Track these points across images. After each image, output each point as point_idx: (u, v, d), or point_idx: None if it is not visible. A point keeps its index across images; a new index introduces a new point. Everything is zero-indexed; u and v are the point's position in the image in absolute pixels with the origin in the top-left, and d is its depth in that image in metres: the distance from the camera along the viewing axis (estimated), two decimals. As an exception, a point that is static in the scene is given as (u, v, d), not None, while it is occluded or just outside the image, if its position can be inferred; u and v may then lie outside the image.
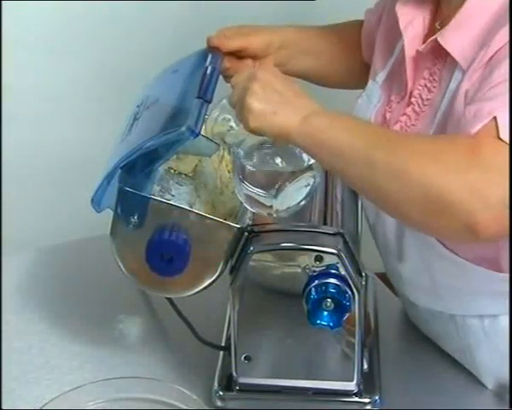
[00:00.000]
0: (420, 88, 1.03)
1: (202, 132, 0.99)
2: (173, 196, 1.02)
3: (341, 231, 0.98)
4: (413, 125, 1.03)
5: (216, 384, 1.06)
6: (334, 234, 0.98)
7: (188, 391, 1.02)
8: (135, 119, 1.04)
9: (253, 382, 1.04)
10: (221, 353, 1.10)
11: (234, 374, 1.04)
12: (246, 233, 0.98)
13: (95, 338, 1.18)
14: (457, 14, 0.97)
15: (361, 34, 1.26)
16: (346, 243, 0.97)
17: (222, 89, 1.05)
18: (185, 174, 1.09)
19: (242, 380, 1.04)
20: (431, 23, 1.05)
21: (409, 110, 1.04)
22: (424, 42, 1.03)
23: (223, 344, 1.11)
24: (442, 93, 0.99)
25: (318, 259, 0.95)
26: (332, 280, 0.94)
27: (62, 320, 1.22)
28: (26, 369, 1.13)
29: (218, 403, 1.05)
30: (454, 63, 0.97)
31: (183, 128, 0.92)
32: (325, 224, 1.01)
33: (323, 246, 0.96)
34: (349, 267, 0.96)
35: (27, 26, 1.85)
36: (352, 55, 1.27)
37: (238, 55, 1.17)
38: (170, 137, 0.93)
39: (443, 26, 1.01)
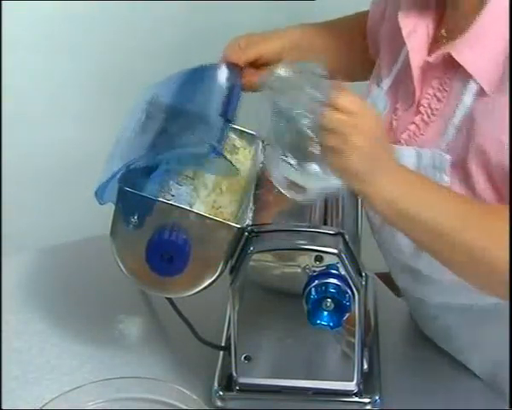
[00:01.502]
0: (428, 97, 1.02)
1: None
2: (173, 196, 1.01)
3: (341, 231, 0.98)
4: (422, 134, 1.02)
5: (216, 384, 1.06)
6: (334, 234, 0.98)
7: (188, 391, 1.02)
8: (147, 117, 1.04)
9: (253, 382, 1.04)
10: (221, 353, 1.10)
11: (234, 374, 1.04)
12: (246, 233, 0.98)
13: (95, 338, 1.18)
14: (473, 27, 0.95)
15: (366, 27, 1.25)
16: (346, 243, 0.97)
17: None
18: (185, 174, 1.09)
19: (242, 380, 1.04)
20: (435, 30, 1.04)
21: (417, 119, 1.03)
22: (429, 50, 1.02)
23: (223, 344, 1.11)
24: (453, 105, 0.98)
25: (318, 259, 0.95)
26: (332, 280, 0.94)
27: (62, 320, 1.22)
28: (26, 369, 1.13)
29: (218, 403, 1.05)
30: (467, 75, 0.96)
31: (207, 147, 0.93)
32: (325, 224, 1.01)
33: (323, 246, 0.96)
34: (349, 267, 0.96)
35: (27, 26, 1.86)
36: (359, 49, 1.26)
37: (253, 64, 1.17)
38: (192, 152, 0.93)
39: (449, 32, 1.00)
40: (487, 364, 1.09)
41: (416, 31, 1.04)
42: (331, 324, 0.95)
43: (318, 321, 0.94)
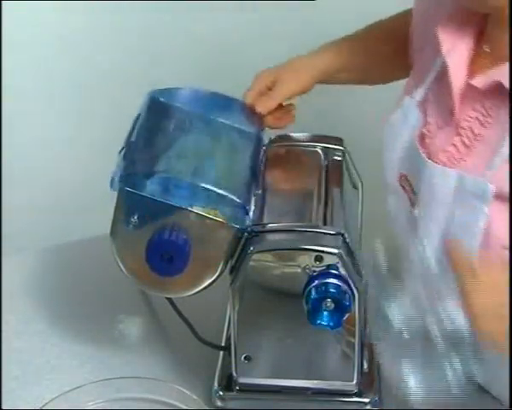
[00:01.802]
0: (470, 119, 0.97)
1: None
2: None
3: (341, 231, 0.98)
4: (462, 159, 0.97)
5: (216, 384, 1.06)
6: (334, 234, 0.98)
7: (188, 391, 1.02)
8: (191, 122, 1.06)
9: (253, 382, 1.04)
10: (221, 353, 1.10)
11: (234, 374, 1.04)
12: (246, 233, 0.98)
13: (95, 338, 1.18)
14: None
15: (396, 31, 1.20)
16: (346, 243, 0.97)
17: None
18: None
19: (242, 380, 1.04)
20: (476, 45, 0.99)
21: (457, 141, 0.98)
22: (471, 67, 0.98)
23: (223, 344, 1.11)
24: (500, 133, 0.93)
25: (318, 259, 0.95)
26: (332, 280, 0.94)
27: (62, 320, 1.22)
28: (26, 369, 1.13)
29: (218, 403, 1.05)
30: None
31: (239, 205, 0.97)
32: (325, 224, 1.01)
33: (323, 246, 0.96)
34: (349, 267, 0.96)
35: (27, 26, 1.85)
36: (400, 56, 1.20)
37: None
38: (221, 198, 0.96)
39: (494, 50, 0.96)
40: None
41: (456, 46, 0.99)
42: (331, 324, 0.95)
43: (318, 321, 0.94)
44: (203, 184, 0.97)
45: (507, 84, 0.92)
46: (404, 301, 0.83)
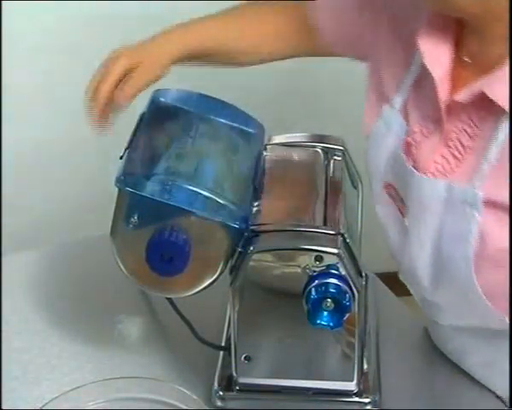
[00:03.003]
0: (457, 131, 0.97)
1: None
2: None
3: (341, 231, 0.98)
4: (453, 170, 0.97)
5: (216, 384, 1.06)
6: (334, 234, 0.98)
7: (188, 391, 1.02)
8: (192, 123, 1.06)
9: (253, 382, 1.04)
10: (221, 353, 1.10)
11: (234, 374, 1.04)
12: (246, 233, 0.98)
13: (95, 338, 1.18)
14: (506, 62, 0.90)
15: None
16: (346, 243, 0.97)
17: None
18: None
19: (242, 380, 1.04)
20: (455, 55, 0.98)
21: (446, 153, 0.98)
22: (453, 79, 0.97)
23: (223, 344, 1.11)
24: (487, 141, 0.93)
25: (318, 259, 0.95)
26: (332, 280, 0.94)
27: (62, 320, 1.22)
28: (26, 369, 1.13)
29: (218, 403, 1.05)
30: (500, 111, 0.91)
31: (239, 218, 0.96)
32: (325, 224, 1.01)
33: (323, 246, 0.96)
34: (349, 267, 0.96)
35: (27, 26, 1.86)
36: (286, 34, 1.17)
37: None
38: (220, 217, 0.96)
39: (474, 59, 0.96)
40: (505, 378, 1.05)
41: (438, 57, 0.97)
42: (331, 324, 0.95)
43: (318, 321, 0.94)
44: (204, 186, 0.97)
45: (490, 94, 0.91)
46: None
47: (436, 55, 0.98)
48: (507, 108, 0.90)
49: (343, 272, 0.95)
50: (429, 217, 0.97)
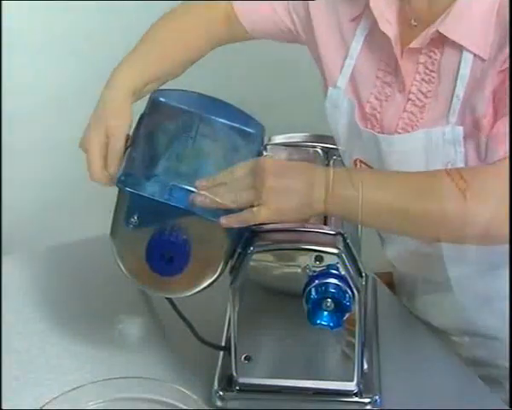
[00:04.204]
0: (417, 83, 1.03)
1: None
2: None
3: (341, 231, 0.98)
4: (421, 118, 1.03)
5: (216, 384, 1.06)
6: (334, 234, 0.98)
7: (188, 391, 1.02)
8: (192, 123, 1.06)
9: (253, 382, 1.04)
10: (221, 353, 1.10)
11: (234, 374, 1.04)
12: (246, 233, 0.98)
13: (95, 338, 1.18)
14: (455, 5, 0.98)
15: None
16: (346, 243, 0.97)
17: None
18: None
19: (242, 380, 1.04)
20: (401, 21, 1.05)
21: (409, 106, 1.04)
22: (402, 40, 1.03)
23: (223, 344, 1.11)
24: (450, 80, 1.00)
25: (318, 259, 0.95)
26: (332, 280, 0.94)
27: (62, 320, 1.22)
28: (26, 369, 1.13)
29: (218, 403, 1.05)
30: (457, 50, 0.98)
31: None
32: (325, 224, 1.01)
33: (323, 246, 0.96)
34: (349, 267, 0.96)
35: (27, 26, 1.86)
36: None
37: None
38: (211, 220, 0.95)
39: (419, 21, 1.01)
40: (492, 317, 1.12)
41: (390, 22, 1.04)
42: (331, 324, 0.95)
43: (318, 321, 0.94)
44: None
45: (446, 32, 0.98)
46: None
47: (387, 18, 1.04)
48: (464, 43, 0.97)
49: (343, 272, 0.95)
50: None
